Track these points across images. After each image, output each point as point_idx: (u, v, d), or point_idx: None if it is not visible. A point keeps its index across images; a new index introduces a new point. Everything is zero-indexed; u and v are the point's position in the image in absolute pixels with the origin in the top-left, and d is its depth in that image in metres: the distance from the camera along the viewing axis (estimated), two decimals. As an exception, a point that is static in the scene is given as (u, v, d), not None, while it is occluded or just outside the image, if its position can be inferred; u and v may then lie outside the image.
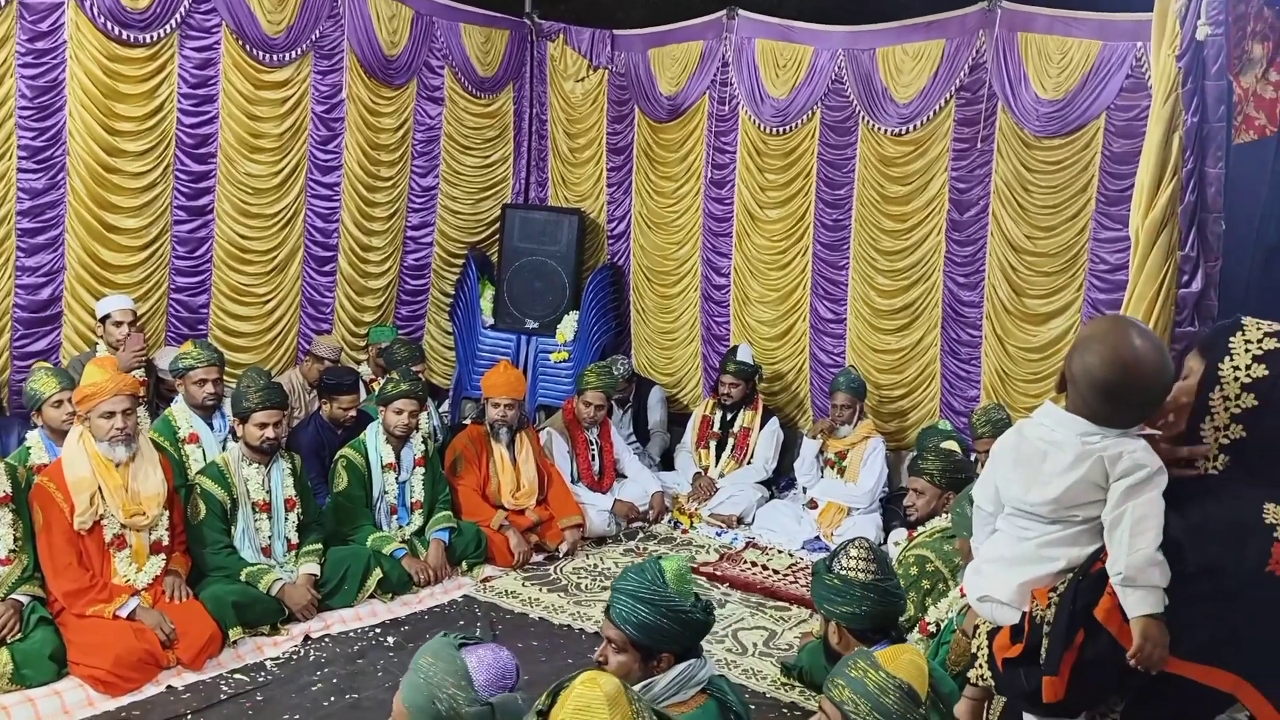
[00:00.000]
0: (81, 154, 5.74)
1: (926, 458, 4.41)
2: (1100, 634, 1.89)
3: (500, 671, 2.01)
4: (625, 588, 2.65)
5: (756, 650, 4.76)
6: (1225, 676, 1.83)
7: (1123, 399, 1.94)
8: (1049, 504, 2.00)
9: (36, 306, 5.77)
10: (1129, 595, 1.84)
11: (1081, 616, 1.90)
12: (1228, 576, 1.83)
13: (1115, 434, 1.95)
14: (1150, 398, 1.96)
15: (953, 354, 6.62)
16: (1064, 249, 6.04)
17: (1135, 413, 1.97)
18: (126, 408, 4.21)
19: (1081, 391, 1.98)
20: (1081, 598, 1.91)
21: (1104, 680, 1.93)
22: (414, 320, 7.82)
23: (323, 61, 6.75)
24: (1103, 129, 5.82)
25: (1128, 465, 1.91)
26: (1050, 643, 1.93)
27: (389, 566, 5.05)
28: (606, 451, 6.58)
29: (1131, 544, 1.84)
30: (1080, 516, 1.98)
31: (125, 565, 4.22)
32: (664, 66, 7.60)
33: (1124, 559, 1.84)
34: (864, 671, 2.28)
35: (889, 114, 6.58)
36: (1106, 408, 1.95)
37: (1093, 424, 1.97)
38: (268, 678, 4.22)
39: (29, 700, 3.80)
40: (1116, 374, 1.93)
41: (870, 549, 3.01)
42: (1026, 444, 2.06)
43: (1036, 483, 2.01)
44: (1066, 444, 1.98)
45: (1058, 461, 1.98)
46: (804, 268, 7.17)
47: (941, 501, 4.30)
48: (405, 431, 5.32)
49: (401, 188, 7.46)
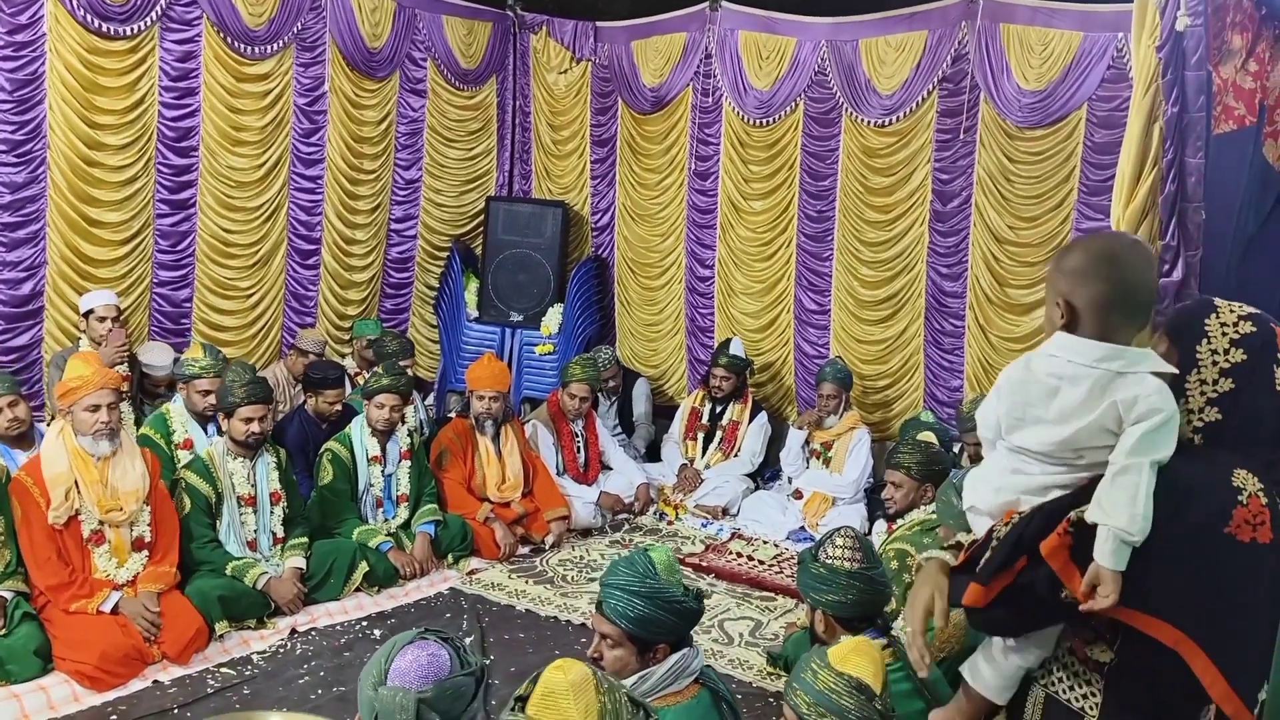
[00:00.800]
0: (62, 148, 5.70)
1: (904, 451, 4.41)
2: (1040, 564, 1.87)
3: (414, 667, 1.96)
4: (617, 582, 2.63)
5: (742, 640, 4.78)
6: (1169, 630, 1.82)
7: (1130, 299, 1.91)
8: (1054, 445, 1.93)
9: (18, 301, 5.72)
10: (1120, 552, 1.79)
11: (1028, 543, 1.89)
12: (1182, 534, 1.82)
13: (1130, 354, 1.90)
14: (1152, 290, 1.94)
15: (936, 344, 6.65)
16: (1047, 239, 6.07)
17: (1141, 316, 1.94)
18: (111, 402, 4.20)
19: (1091, 308, 1.92)
20: (1035, 524, 1.89)
21: (1034, 607, 1.92)
22: (398, 313, 7.80)
23: (305, 54, 6.71)
24: (1084, 119, 5.85)
25: (1143, 410, 1.84)
26: (991, 555, 1.92)
27: (375, 560, 5.05)
28: (591, 443, 6.59)
29: (1144, 506, 1.79)
30: (1085, 461, 1.92)
31: (105, 560, 4.21)
32: (647, 58, 7.59)
33: (1137, 520, 1.78)
34: (815, 673, 2.26)
35: (872, 105, 6.60)
36: (1118, 315, 1.91)
37: (1109, 345, 1.91)
38: (254, 671, 4.22)
39: (14, 696, 3.79)
40: (1120, 271, 1.90)
41: (856, 538, 3.02)
42: (1035, 381, 1.97)
43: (1043, 424, 1.94)
44: (1080, 375, 1.90)
45: (1069, 398, 1.91)
46: (788, 259, 7.19)
47: (919, 494, 4.32)
48: (387, 426, 5.31)
49: (385, 181, 7.43)
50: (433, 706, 1.91)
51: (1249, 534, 1.80)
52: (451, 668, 1.99)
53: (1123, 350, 1.90)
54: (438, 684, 1.94)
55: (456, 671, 1.99)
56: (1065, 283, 1.96)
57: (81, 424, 4.15)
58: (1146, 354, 1.92)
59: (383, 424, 5.28)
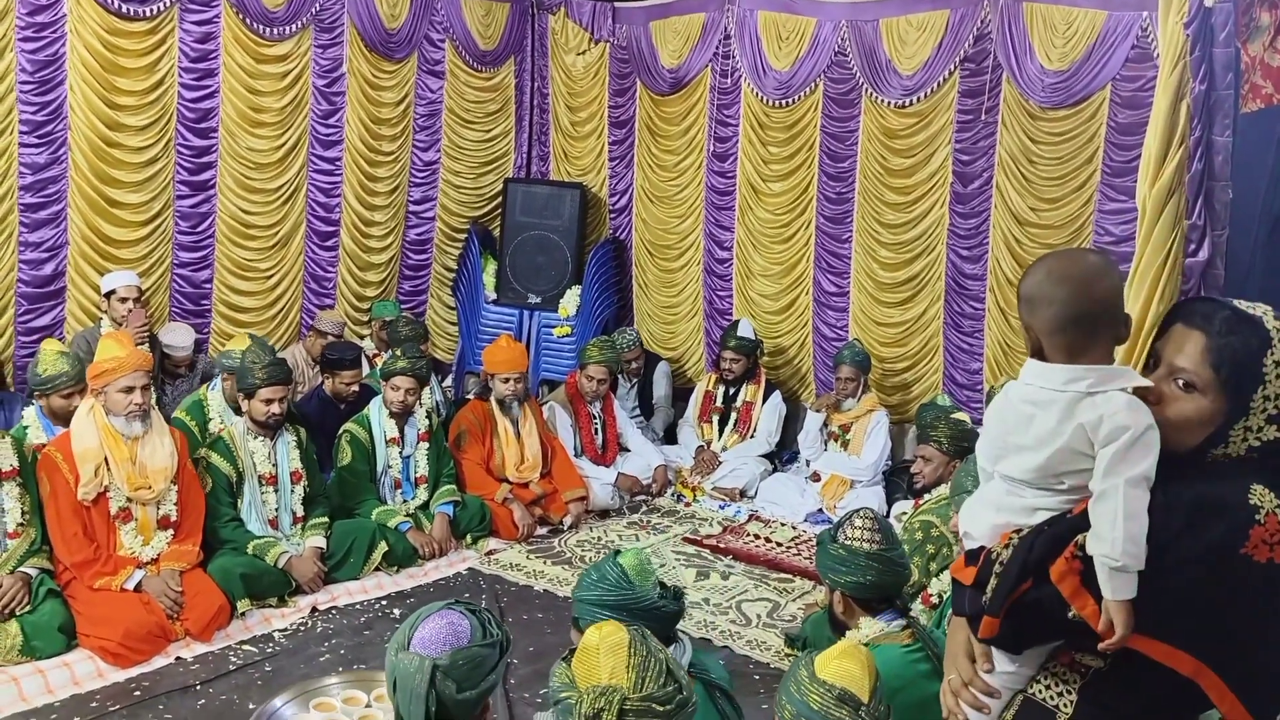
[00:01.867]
0: (83, 128, 5.72)
1: (937, 425, 4.43)
2: (1046, 583, 1.83)
3: (435, 635, 1.98)
4: (590, 598, 2.58)
5: (760, 622, 4.79)
6: (1187, 660, 1.75)
7: (1085, 315, 1.84)
8: (1033, 472, 1.90)
9: (40, 282, 5.77)
10: (1115, 579, 1.74)
11: (1033, 569, 1.84)
12: (1196, 556, 1.73)
13: (1098, 372, 1.83)
14: (1110, 302, 1.86)
15: (956, 327, 6.62)
16: (1069, 221, 6.02)
17: (1106, 329, 1.86)
18: (145, 383, 4.24)
19: (1047, 332, 1.87)
20: (1038, 550, 1.84)
21: (1040, 624, 1.88)
22: (417, 295, 7.82)
23: (323, 35, 6.71)
24: (1108, 100, 5.79)
25: (1109, 430, 1.78)
26: (998, 584, 1.87)
27: (394, 540, 5.08)
28: (609, 425, 6.59)
29: (1126, 528, 1.73)
30: (1066, 485, 1.88)
31: (131, 538, 4.24)
32: (665, 39, 7.56)
33: (1119, 544, 1.73)
34: (800, 686, 2.19)
35: (892, 86, 6.55)
36: (1075, 335, 1.85)
37: (1073, 366, 1.86)
38: (275, 649, 4.25)
39: (39, 672, 3.83)
40: (1066, 289, 1.85)
41: (875, 519, 3.01)
42: (1010, 409, 1.95)
43: (1023, 451, 1.91)
44: (1053, 400, 1.87)
45: (1043, 424, 1.87)
46: (807, 241, 7.16)
47: (949, 469, 4.33)
48: (402, 409, 5.31)
49: (403, 162, 7.43)
50: (448, 674, 1.93)
51: (1266, 554, 1.71)
52: (472, 637, 2.00)
53: (1090, 369, 1.84)
54: (454, 651, 1.95)
55: (477, 641, 2.00)
56: (1023, 309, 1.92)
57: (115, 405, 4.17)
58: (1119, 371, 1.85)
59: (397, 406, 5.29)
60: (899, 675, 2.69)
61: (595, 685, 1.88)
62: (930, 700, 2.73)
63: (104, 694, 3.80)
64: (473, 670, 1.97)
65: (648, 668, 1.91)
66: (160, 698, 3.80)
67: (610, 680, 1.89)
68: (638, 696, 1.87)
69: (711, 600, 4.98)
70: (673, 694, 1.90)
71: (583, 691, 1.88)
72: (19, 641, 3.87)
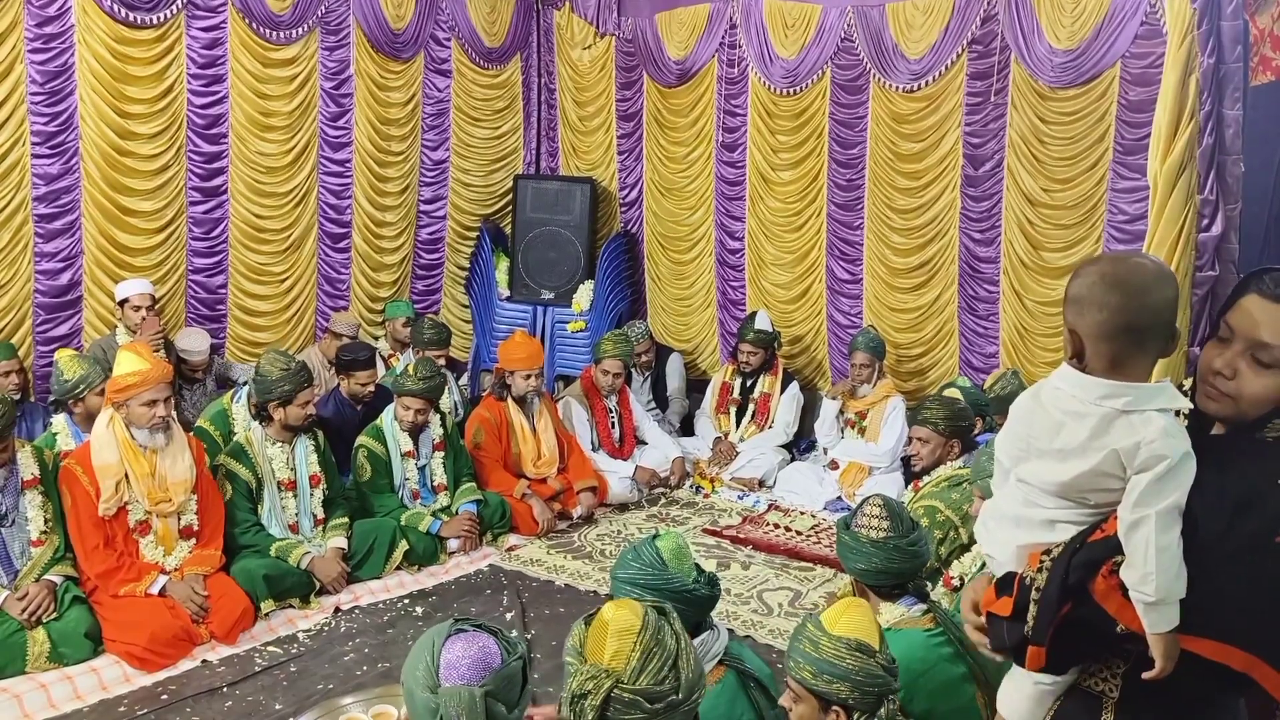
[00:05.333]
0: (94, 138, 5.76)
1: (930, 407, 4.40)
2: (1088, 600, 1.77)
3: (468, 662, 1.95)
4: (627, 576, 2.60)
5: (782, 610, 4.78)
6: (1239, 655, 1.71)
7: (1135, 326, 1.74)
8: (1058, 486, 1.83)
9: (57, 291, 5.81)
10: (1151, 613, 1.69)
11: (1074, 591, 1.78)
12: (1236, 547, 1.69)
13: (1137, 390, 1.75)
14: (1163, 315, 1.75)
15: (970, 310, 6.59)
16: (1082, 200, 5.99)
17: (1154, 343, 1.77)
18: (168, 395, 4.25)
19: (1092, 339, 1.78)
20: (1075, 574, 1.78)
21: (1089, 643, 1.84)
22: (430, 294, 7.84)
23: (329, 37, 6.73)
24: (1118, 77, 5.74)
25: (1145, 458, 1.70)
26: (1039, 612, 1.80)
27: (415, 538, 5.09)
28: (626, 419, 6.60)
29: (1159, 561, 1.67)
30: (1091, 501, 1.82)
31: (151, 549, 4.26)
32: (671, 31, 7.54)
33: (1152, 580, 1.67)
34: (814, 643, 2.26)
35: (900, 70, 6.52)
36: (1122, 345, 1.75)
37: (1111, 382, 1.77)
38: (300, 649, 4.27)
39: (67, 678, 3.86)
40: (1119, 295, 1.74)
41: (885, 505, 2.99)
42: (1041, 414, 1.86)
43: (1047, 459, 1.84)
44: (1084, 413, 1.78)
45: (1072, 435, 1.79)
46: (818, 229, 7.14)
47: (946, 450, 4.30)
48: (411, 428, 5.29)
49: (413, 162, 7.45)
50: (496, 697, 1.93)
51: None
52: (502, 656, 2.00)
53: (1129, 387, 1.75)
54: (495, 674, 1.95)
55: (507, 659, 2.00)
56: (1069, 310, 1.82)
57: (138, 418, 4.18)
58: (1159, 389, 1.77)
59: (407, 425, 5.28)
60: (922, 659, 2.69)
61: (594, 664, 1.90)
62: (954, 683, 2.74)
63: (132, 698, 3.83)
64: (512, 687, 1.99)
65: (650, 658, 1.90)
66: (187, 700, 3.82)
67: (610, 663, 1.90)
68: (630, 687, 1.87)
69: (733, 590, 4.98)
70: (666, 692, 1.89)
71: (582, 666, 1.90)
72: (46, 648, 3.90)
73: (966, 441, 4.40)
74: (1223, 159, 3.37)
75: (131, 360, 4.25)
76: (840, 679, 2.21)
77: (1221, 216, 3.36)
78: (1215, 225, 3.35)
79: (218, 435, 5.06)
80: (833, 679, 2.21)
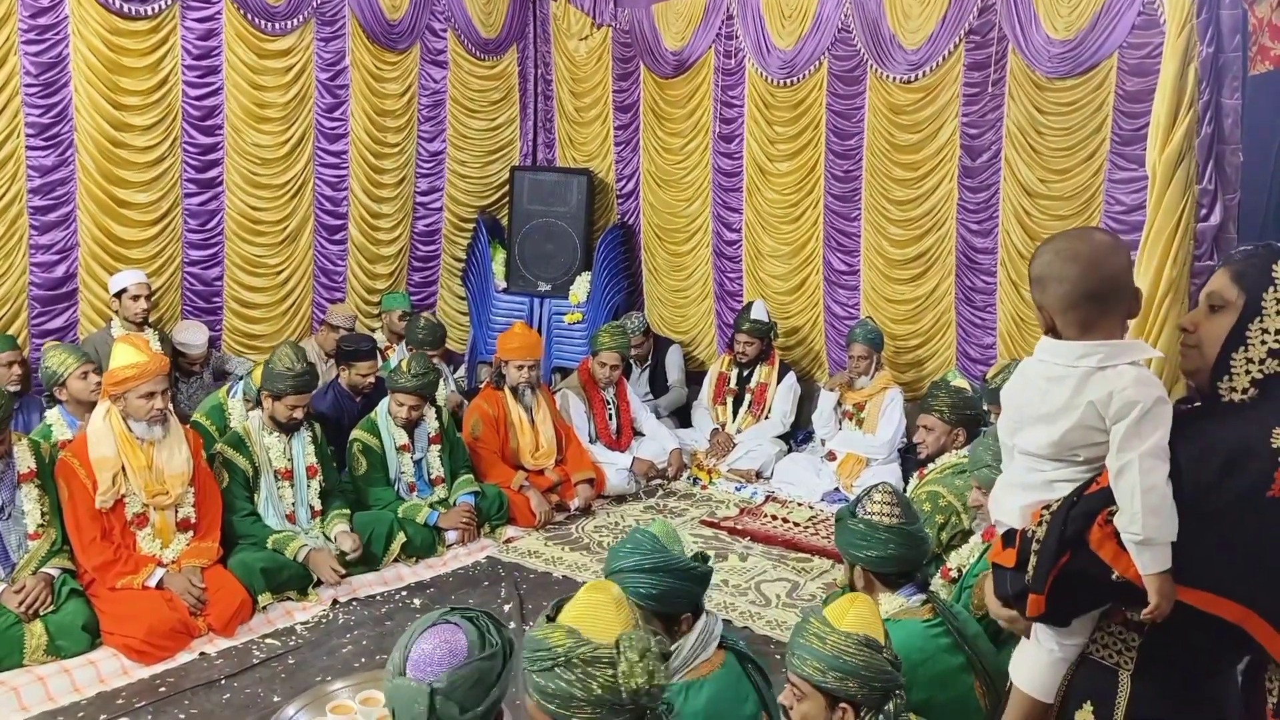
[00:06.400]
0: (89, 130, 5.73)
1: (936, 395, 4.45)
2: (1085, 552, 1.88)
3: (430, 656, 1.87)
4: (630, 565, 2.60)
5: (779, 602, 4.79)
6: (1233, 607, 1.80)
7: (1095, 292, 1.90)
8: (1050, 446, 1.97)
9: (52, 284, 5.79)
10: (1143, 554, 1.80)
11: (1070, 542, 1.89)
12: (1226, 502, 1.80)
13: (1109, 347, 1.90)
14: (1119, 278, 1.92)
15: (968, 302, 6.59)
16: (1079, 191, 5.98)
17: (1117, 304, 1.93)
18: (165, 388, 4.25)
19: (1058, 310, 1.94)
20: (1072, 525, 1.90)
21: (1086, 591, 1.93)
22: (427, 286, 7.82)
23: (325, 28, 6.70)
24: (1115, 68, 5.74)
25: (1119, 406, 1.85)
26: (1038, 562, 1.93)
27: (413, 531, 5.09)
28: (623, 410, 6.60)
29: (1144, 501, 1.79)
30: (1082, 456, 1.95)
31: (149, 542, 4.26)
32: (668, 21, 7.52)
33: (1139, 520, 1.79)
34: (822, 638, 2.26)
35: (897, 61, 6.51)
36: (1086, 311, 1.91)
37: (1085, 342, 1.92)
38: (298, 641, 4.27)
39: (65, 671, 3.85)
40: (1076, 267, 1.91)
41: (894, 493, 3.00)
42: (1026, 384, 2.04)
43: (1039, 425, 1.98)
44: (1065, 375, 1.94)
45: (1055, 398, 1.94)
46: (815, 220, 7.13)
47: (950, 438, 4.33)
48: (405, 424, 5.29)
49: (409, 153, 7.43)
50: (449, 696, 1.82)
51: None
52: (469, 652, 1.88)
53: (1100, 345, 1.91)
54: (451, 671, 1.85)
55: (475, 656, 1.88)
56: (1035, 289, 2.00)
57: (136, 410, 4.18)
58: (1130, 345, 1.93)
59: (400, 421, 5.27)
60: (920, 649, 2.69)
61: (626, 638, 1.88)
62: (952, 673, 2.74)
63: (130, 691, 3.83)
64: (474, 687, 1.86)
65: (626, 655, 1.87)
66: (185, 693, 3.82)
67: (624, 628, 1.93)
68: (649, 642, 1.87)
69: (730, 582, 4.98)
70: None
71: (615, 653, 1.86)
72: (44, 641, 3.90)
73: (971, 430, 4.43)
74: (1221, 148, 3.37)
75: (129, 353, 4.24)
76: (849, 675, 2.20)
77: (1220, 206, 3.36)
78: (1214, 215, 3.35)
79: (213, 429, 5.05)
80: (842, 675, 2.21)
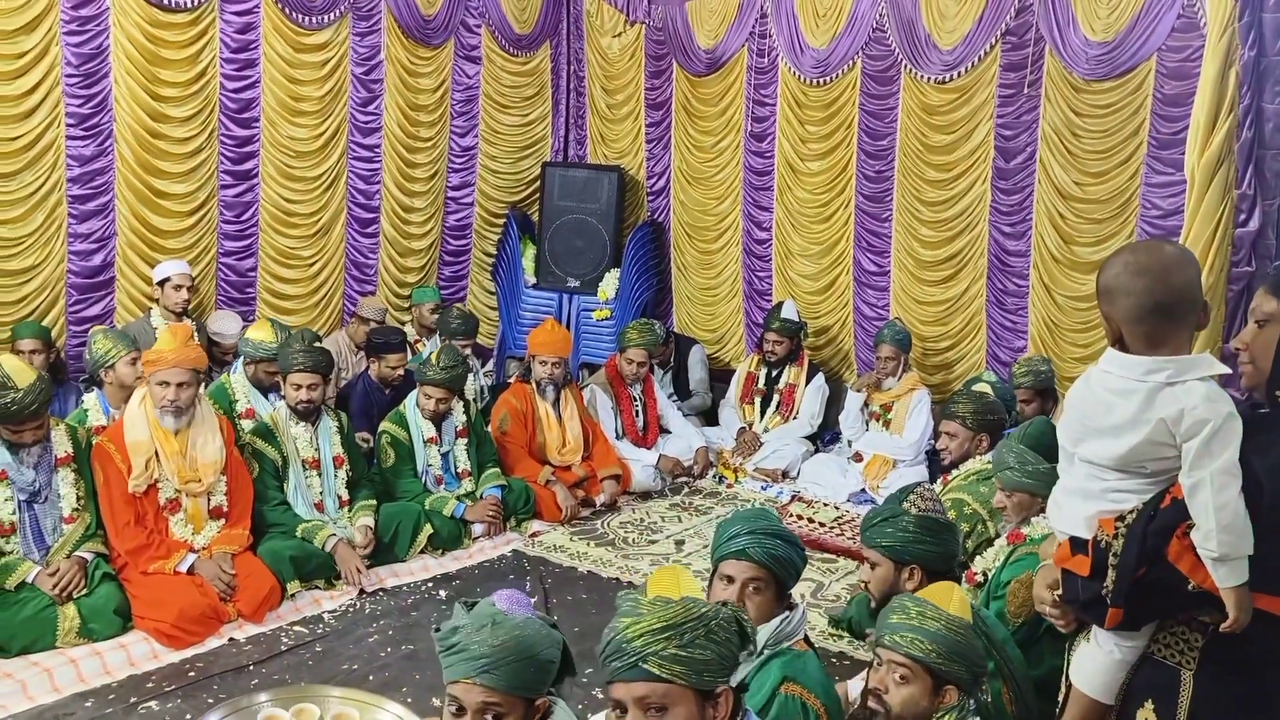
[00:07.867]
0: (128, 120, 5.81)
1: (958, 401, 4.43)
2: (1163, 561, 1.89)
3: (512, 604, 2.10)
4: (753, 527, 2.68)
5: (805, 601, 4.78)
6: None
7: (1164, 305, 1.91)
8: (1116, 459, 1.97)
9: (90, 272, 5.87)
10: (1220, 569, 1.81)
11: (1150, 556, 1.90)
12: None
13: (1177, 362, 1.90)
14: (1188, 292, 1.92)
15: (999, 304, 6.55)
16: (1115, 195, 5.93)
17: (1185, 318, 1.93)
18: (183, 380, 4.25)
19: (1127, 323, 1.95)
20: (1151, 539, 1.91)
21: (1163, 601, 1.95)
22: (457, 280, 7.86)
23: (361, 23, 6.75)
24: (1154, 71, 5.67)
25: (1190, 425, 1.85)
26: (1118, 577, 1.94)
27: (439, 523, 5.12)
28: (650, 407, 6.60)
29: (1218, 518, 1.80)
30: (1149, 469, 1.96)
31: (181, 528, 4.31)
32: (701, 19, 7.52)
33: (1214, 537, 1.80)
34: (933, 619, 2.33)
35: (932, 61, 6.47)
36: (1155, 324, 1.92)
37: (1152, 358, 1.92)
38: (325, 630, 4.31)
39: (96, 654, 3.90)
40: (1144, 280, 1.91)
41: (934, 490, 3.04)
42: (1091, 395, 2.03)
43: (1104, 437, 1.98)
44: (1131, 390, 1.93)
45: (1122, 412, 1.94)
46: (846, 220, 7.11)
47: (974, 444, 4.30)
48: (432, 416, 5.29)
49: (441, 148, 7.46)
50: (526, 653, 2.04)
51: None
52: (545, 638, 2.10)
53: (1169, 360, 1.92)
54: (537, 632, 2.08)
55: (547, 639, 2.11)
56: (1103, 301, 2.01)
57: (153, 395, 4.25)
58: (1198, 360, 1.93)
59: (428, 414, 5.28)
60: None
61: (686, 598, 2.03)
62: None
63: (160, 674, 3.87)
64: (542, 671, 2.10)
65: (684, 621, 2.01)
66: (214, 678, 3.86)
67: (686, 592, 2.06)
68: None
69: (755, 580, 4.97)
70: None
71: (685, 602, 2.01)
72: (76, 624, 3.95)
73: (995, 436, 4.39)
74: (1262, 153, 3.34)
75: (164, 338, 4.33)
76: (959, 658, 2.29)
77: (1259, 211, 3.33)
78: (1253, 220, 3.32)
79: (217, 410, 5.08)
80: (953, 657, 2.29)
